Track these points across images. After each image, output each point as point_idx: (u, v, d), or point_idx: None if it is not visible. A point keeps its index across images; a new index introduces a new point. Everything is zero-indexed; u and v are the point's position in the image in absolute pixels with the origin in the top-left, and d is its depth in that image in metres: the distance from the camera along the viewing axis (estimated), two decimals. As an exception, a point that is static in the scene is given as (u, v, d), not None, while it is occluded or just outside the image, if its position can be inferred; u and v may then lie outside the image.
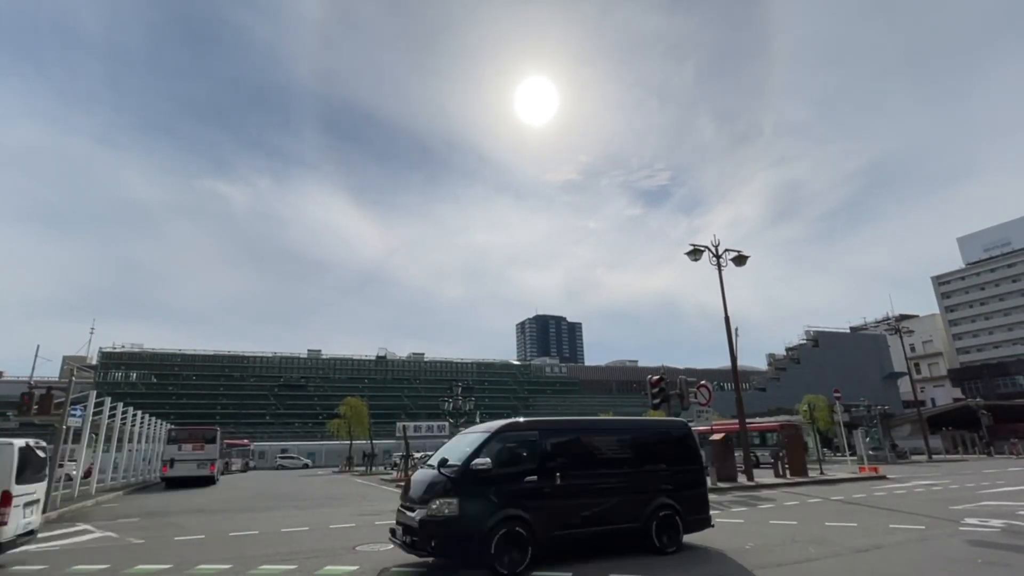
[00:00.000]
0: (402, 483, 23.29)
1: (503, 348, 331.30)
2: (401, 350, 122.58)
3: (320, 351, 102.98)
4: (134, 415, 26.78)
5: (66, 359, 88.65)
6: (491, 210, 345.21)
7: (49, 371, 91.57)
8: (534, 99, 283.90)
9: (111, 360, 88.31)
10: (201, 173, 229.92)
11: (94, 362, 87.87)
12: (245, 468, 50.71)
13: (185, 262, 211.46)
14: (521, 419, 7.11)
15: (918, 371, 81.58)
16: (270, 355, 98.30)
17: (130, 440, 27.01)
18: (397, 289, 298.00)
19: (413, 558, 7.18)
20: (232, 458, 49.67)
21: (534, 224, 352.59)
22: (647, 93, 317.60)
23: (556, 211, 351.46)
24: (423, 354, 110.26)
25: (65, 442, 16.26)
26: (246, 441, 57.71)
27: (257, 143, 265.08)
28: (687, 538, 7.46)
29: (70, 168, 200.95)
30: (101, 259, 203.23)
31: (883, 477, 20.35)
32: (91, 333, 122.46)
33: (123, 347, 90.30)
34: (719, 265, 20.45)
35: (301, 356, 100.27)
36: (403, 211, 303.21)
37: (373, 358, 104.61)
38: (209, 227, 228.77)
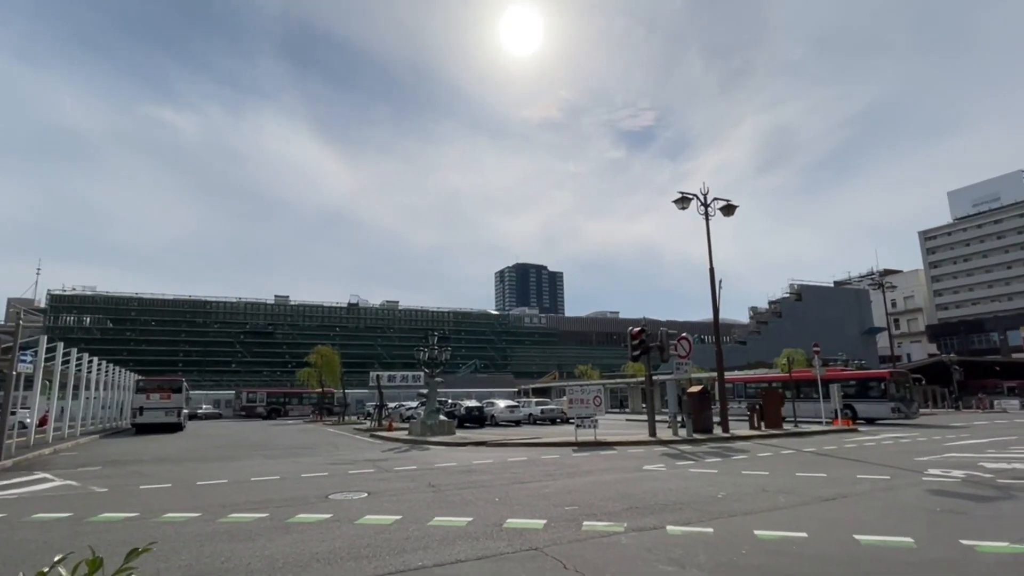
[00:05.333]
0: (377, 433, 23.86)
1: (481, 297, 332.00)
2: (373, 297, 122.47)
3: (288, 297, 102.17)
4: (90, 361, 26.53)
5: (11, 302, 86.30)
6: (465, 149, 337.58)
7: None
8: (511, 25, 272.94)
9: (61, 304, 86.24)
10: (142, 98, 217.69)
11: (42, 305, 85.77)
12: (341, 415, 43.84)
13: (134, 198, 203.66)
14: None
15: (897, 327, 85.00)
16: (234, 300, 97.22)
17: (87, 388, 26.86)
18: (366, 232, 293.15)
19: (387, 506, 7.46)
20: (293, 405, 54.21)
21: (511, 165, 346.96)
22: (634, 21, 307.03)
23: (534, 152, 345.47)
24: (397, 302, 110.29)
25: (16, 389, 16.07)
26: (333, 390, 49.02)
27: (204, 67, 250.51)
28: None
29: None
30: (40, 193, 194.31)
31: (854, 430, 21.56)
32: (37, 274, 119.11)
33: (74, 290, 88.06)
34: (706, 214, 20.57)
35: (267, 302, 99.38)
36: (369, 147, 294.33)
37: (344, 305, 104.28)
38: (157, 160, 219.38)
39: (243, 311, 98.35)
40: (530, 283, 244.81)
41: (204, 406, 55.47)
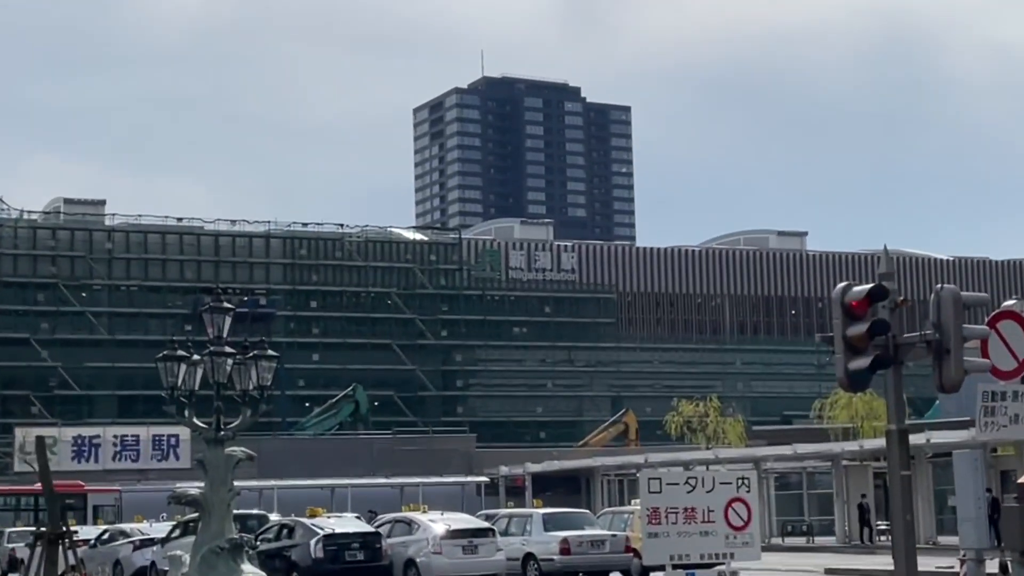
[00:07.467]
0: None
1: (378, 191, 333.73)
2: (31, 197, 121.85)
3: None
4: None
5: None
6: None
7: None
8: None
9: None
10: None
11: None
12: None
13: None
14: None
15: None
16: None
17: None
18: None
19: None
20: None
21: None
22: None
23: None
24: (103, 203, 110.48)
25: None
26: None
27: None
28: None
29: None
30: None
31: None
32: None
33: None
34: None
35: None
36: None
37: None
38: None
39: None
40: (525, 143, 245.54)
41: None
